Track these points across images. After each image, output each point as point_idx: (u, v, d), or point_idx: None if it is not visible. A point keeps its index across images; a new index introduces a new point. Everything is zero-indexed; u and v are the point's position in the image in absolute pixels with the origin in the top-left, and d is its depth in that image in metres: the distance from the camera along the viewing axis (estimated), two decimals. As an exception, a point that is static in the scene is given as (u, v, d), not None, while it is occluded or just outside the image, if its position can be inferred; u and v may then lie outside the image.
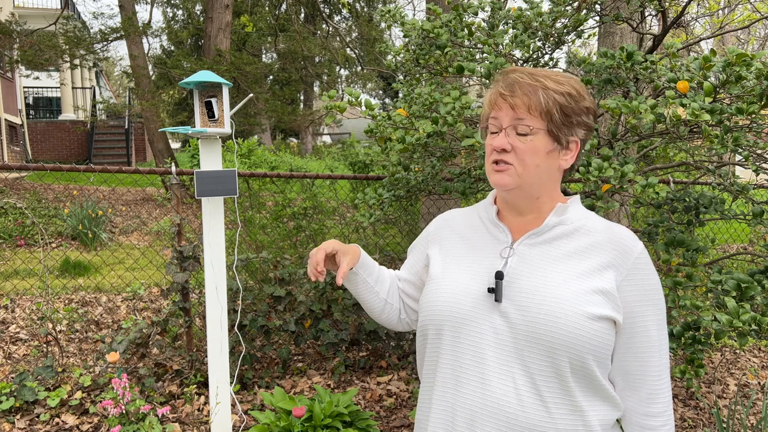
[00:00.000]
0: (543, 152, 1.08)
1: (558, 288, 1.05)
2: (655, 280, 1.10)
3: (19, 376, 3.04)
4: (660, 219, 2.42)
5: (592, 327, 1.02)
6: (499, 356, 1.06)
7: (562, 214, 1.12)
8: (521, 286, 1.07)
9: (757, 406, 3.46)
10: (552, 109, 1.07)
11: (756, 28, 13.80)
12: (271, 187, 5.55)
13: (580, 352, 1.02)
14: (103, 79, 25.06)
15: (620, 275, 1.07)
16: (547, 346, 1.02)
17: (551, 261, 1.09)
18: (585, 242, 1.10)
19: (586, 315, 1.02)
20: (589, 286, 1.05)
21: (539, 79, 1.08)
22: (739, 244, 7.53)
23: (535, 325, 1.03)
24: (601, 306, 1.04)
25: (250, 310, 3.48)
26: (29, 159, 16.70)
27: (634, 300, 1.07)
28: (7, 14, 14.40)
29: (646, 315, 1.08)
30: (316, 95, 23.47)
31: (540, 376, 1.03)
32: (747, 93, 1.84)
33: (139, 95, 11.16)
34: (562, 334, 1.01)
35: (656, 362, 1.09)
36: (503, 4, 2.81)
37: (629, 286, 1.07)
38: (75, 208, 7.76)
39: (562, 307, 1.03)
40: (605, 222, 1.14)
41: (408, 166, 2.82)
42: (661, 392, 1.10)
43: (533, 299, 1.05)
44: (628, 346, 1.08)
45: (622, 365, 1.10)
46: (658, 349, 1.09)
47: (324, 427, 2.53)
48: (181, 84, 2.37)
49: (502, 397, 1.04)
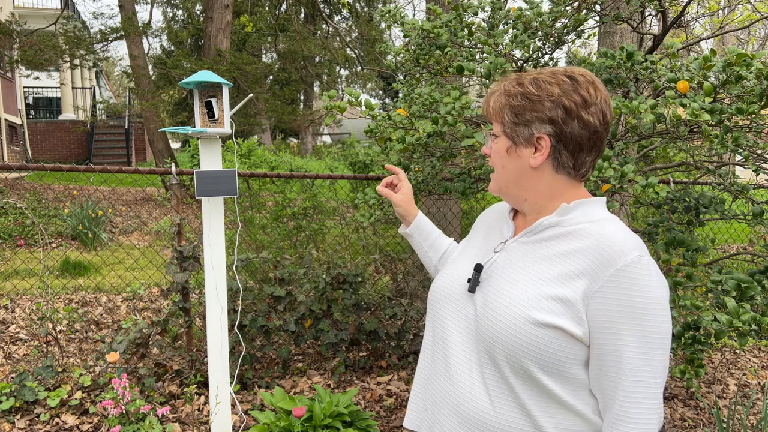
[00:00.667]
0: (503, 152, 1.13)
1: (515, 288, 1.06)
2: (645, 297, 0.97)
3: (19, 376, 3.04)
4: (660, 219, 2.42)
5: (534, 333, 1.00)
6: (463, 344, 1.12)
7: (564, 215, 1.09)
8: (493, 282, 1.11)
9: (757, 406, 3.46)
10: (502, 111, 1.12)
11: (756, 28, 13.80)
12: (271, 187, 5.55)
13: (515, 354, 1.01)
14: (103, 79, 25.06)
15: (594, 285, 0.99)
16: (487, 342, 1.06)
17: (529, 261, 1.09)
18: (571, 247, 1.05)
19: (530, 320, 1.00)
20: (548, 291, 1.02)
21: (504, 84, 1.13)
22: (739, 244, 7.53)
23: (485, 320, 1.07)
24: (555, 314, 1.00)
25: (250, 310, 3.48)
26: (29, 159, 16.70)
27: (604, 314, 0.98)
28: (7, 14, 14.40)
29: (620, 333, 0.97)
30: (316, 95, 23.48)
31: (486, 369, 1.07)
32: (747, 93, 1.84)
33: (139, 95, 11.16)
34: (498, 333, 1.04)
35: (628, 386, 0.98)
36: (503, 4, 2.81)
37: (602, 299, 0.98)
38: (75, 208, 7.76)
39: (508, 308, 1.04)
40: (609, 228, 1.04)
41: (408, 166, 2.82)
42: (629, 420, 0.98)
43: (494, 296, 1.09)
44: (599, 362, 1.01)
45: (596, 381, 1.03)
46: (634, 373, 0.97)
47: (324, 427, 2.53)
48: (181, 84, 2.37)
49: (458, 383, 1.10)
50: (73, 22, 13.95)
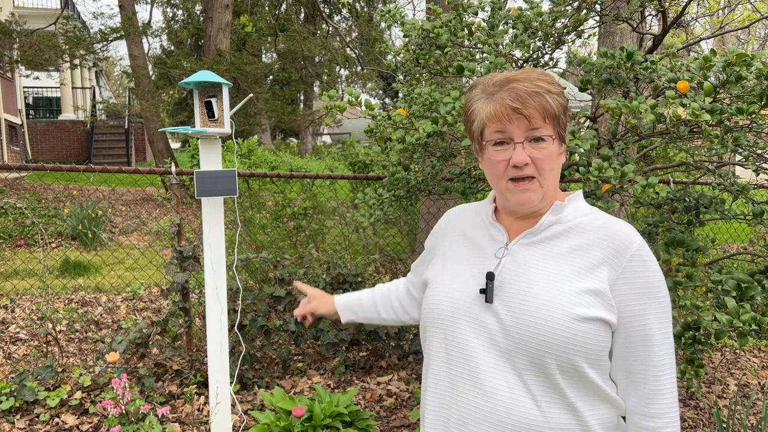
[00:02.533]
0: (555, 156, 1.09)
1: (547, 290, 1.04)
2: (656, 277, 1.06)
3: (19, 376, 3.04)
4: (660, 219, 2.41)
5: (581, 329, 1.01)
6: (491, 356, 1.06)
7: (559, 212, 1.11)
8: (512, 287, 1.07)
9: (757, 406, 3.46)
10: (559, 113, 1.08)
11: (756, 28, 13.80)
12: (271, 187, 5.55)
13: (567, 354, 1.01)
14: (103, 79, 25.06)
15: (614, 273, 1.05)
16: (532, 348, 1.02)
17: (544, 261, 1.08)
18: (579, 241, 1.08)
19: (574, 317, 1.01)
20: (580, 286, 1.04)
21: (538, 83, 1.07)
22: (739, 244, 7.53)
23: (522, 326, 1.03)
24: (592, 307, 1.03)
25: (250, 310, 3.48)
26: (29, 159, 16.70)
27: (630, 298, 1.05)
28: (7, 14, 14.40)
29: (645, 313, 1.05)
30: (316, 95, 23.47)
31: (529, 375, 1.04)
32: (747, 93, 1.84)
33: (139, 95, 11.16)
34: (547, 336, 1.01)
35: (657, 361, 1.06)
36: (503, 4, 2.81)
37: (624, 284, 1.05)
38: (75, 208, 7.76)
39: (549, 310, 1.02)
40: (605, 218, 1.11)
41: (408, 166, 2.82)
42: (663, 392, 1.06)
43: (522, 301, 1.05)
44: (627, 344, 1.06)
45: (622, 364, 1.08)
46: (660, 348, 1.06)
47: (324, 427, 2.53)
48: (181, 84, 2.37)
49: (495, 396, 1.05)
50: (73, 22, 13.95)
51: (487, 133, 1.09)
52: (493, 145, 1.09)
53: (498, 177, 1.10)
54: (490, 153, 1.10)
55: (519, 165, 1.05)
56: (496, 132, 1.08)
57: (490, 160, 1.10)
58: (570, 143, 1.92)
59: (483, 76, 1.21)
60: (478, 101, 1.11)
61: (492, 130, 1.08)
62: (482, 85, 1.12)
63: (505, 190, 1.10)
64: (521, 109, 1.04)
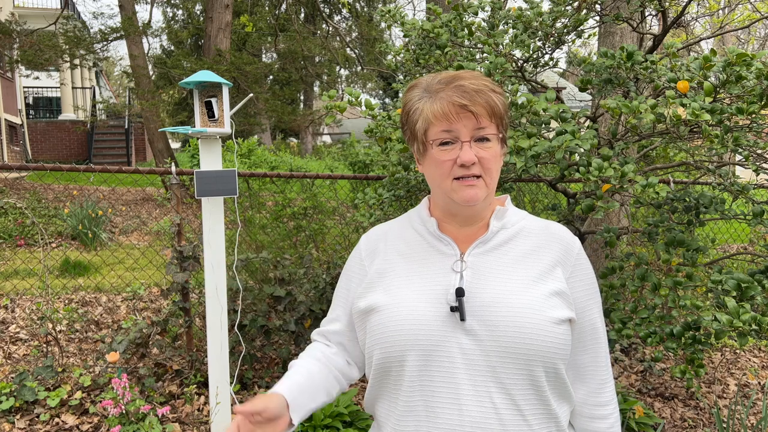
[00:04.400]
0: (499, 157, 1.07)
1: (518, 296, 1.02)
2: (593, 272, 1.13)
3: (19, 376, 3.04)
4: (660, 219, 2.41)
5: (558, 331, 1.01)
6: (472, 377, 1.00)
7: (503, 217, 1.11)
8: (481, 299, 1.02)
9: (757, 406, 3.46)
10: (503, 112, 1.06)
11: (756, 28, 13.80)
12: (271, 187, 5.56)
13: (553, 358, 1.00)
14: (103, 79, 25.06)
15: (567, 272, 1.08)
16: (521, 359, 0.99)
17: (504, 268, 1.06)
18: (529, 244, 1.09)
19: (551, 320, 1.01)
20: (545, 289, 1.04)
21: (483, 82, 1.05)
22: (739, 244, 7.53)
23: (505, 339, 0.99)
24: (561, 308, 1.04)
25: (250, 310, 3.48)
26: (29, 159, 16.70)
27: (581, 295, 1.09)
28: (7, 14, 14.40)
29: (592, 308, 1.10)
30: (316, 95, 23.47)
31: (516, 389, 0.99)
32: (747, 93, 1.84)
33: (139, 95, 11.16)
34: (533, 343, 0.98)
35: (604, 353, 1.12)
36: (503, 4, 2.81)
37: (575, 282, 1.09)
38: (75, 208, 7.76)
39: (528, 316, 1.00)
40: (541, 221, 1.15)
41: (408, 166, 2.82)
42: (608, 381, 1.13)
43: (497, 312, 1.00)
44: (579, 340, 1.10)
45: (574, 360, 1.10)
46: (604, 340, 1.12)
47: (324, 427, 2.54)
48: (181, 84, 2.37)
49: (481, 418, 0.99)
50: (73, 22, 13.94)
51: (433, 132, 1.04)
52: (439, 145, 1.04)
53: (443, 177, 1.05)
54: (436, 153, 1.05)
55: (467, 164, 1.02)
56: (443, 131, 1.03)
57: (435, 160, 1.05)
58: (570, 143, 1.92)
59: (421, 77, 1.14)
60: (420, 101, 1.07)
61: (438, 130, 1.04)
62: (424, 84, 1.08)
63: (449, 189, 1.05)
64: (469, 106, 1.01)
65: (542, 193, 5.18)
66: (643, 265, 2.21)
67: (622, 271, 2.29)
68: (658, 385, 3.63)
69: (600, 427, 1.11)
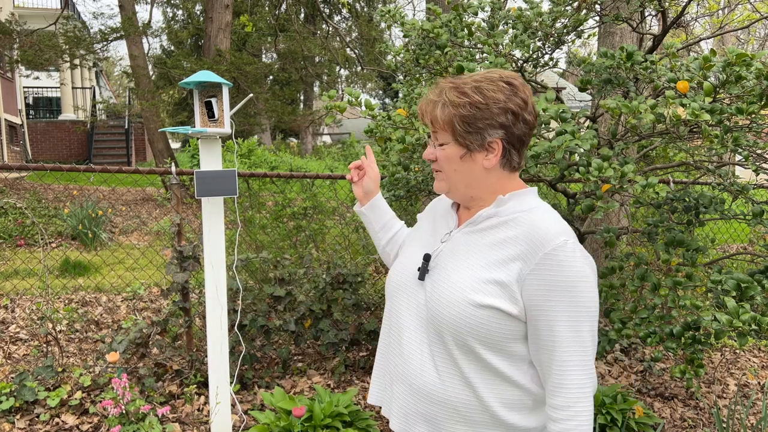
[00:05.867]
0: (456, 158, 1.19)
1: (457, 274, 1.17)
2: (572, 276, 1.09)
3: (19, 376, 3.05)
4: (660, 219, 2.42)
5: (473, 313, 1.12)
6: (414, 326, 1.23)
7: (500, 205, 1.19)
8: (441, 270, 1.21)
9: (757, 406, 3.46)
10: (453, 121, 1.16)
11: (756, 28, 13.81)
12: (271, 187, 5.56)
13: (461, 334, 1.13)
14: (103, 79, 25.06)
15: (526, 268, 1.11)
16: (436, 324, 1.17)
17: (471, 250, 1.20)
18: (507, 234, 1.16)
19: (469, 301, 1.12)
20: (488, 275, 1.14)
21: (445, 93, 1.17)
22: (739, 244, 7.53)
23: (432, 304, 1.18)
24: (492, 296, 1.12)
25: (250, 310, 3.48)
26: (29, 159, 16.70)
27: (537, 294, 1.10)
28: (7, 14, 14.40)
29: (552, 309, 1.09)
30: (316, 95, 23.47)
31: (435, 347, 1.18)
32: (747, 93, 1.84)
33: (139, 95, 11.16)
34: (445, 315, 1.15)
35: (562, 357, 1.10)
36: (503, 4, 2.81)
37: (533, 280, 1.10)
38: (75, 208, 7.76)
39: (451, 292, 1.15)
40: (539, 216, 1.15)
41: (408, 166, 2.82)
42: (567, 386, 1.10)
43: (440, 282, 1.19)
44: (535, 337, 1.14)
45: (534, 355, 1.16)
46: (566, 345, 1.09)
47: (324, 427, 2.54)
48: (181, 84, 2.37)
49: (410, 360, 1.22)
50: (73, 22, 13.94)
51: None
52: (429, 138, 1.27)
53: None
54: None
55: (426, 159, 1.24)
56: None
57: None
58: (570, 143, 1.92)
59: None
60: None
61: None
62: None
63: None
64: (423, 117, 1.22)
65: (542, 193, 5.18)
66: (642, 265, 2.21)
67: (621, 271, 2.29)
68: (657, 385, 3.63)
69: (552, 429, 1.13)
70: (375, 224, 1.54)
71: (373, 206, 1.54)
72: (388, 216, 1.56)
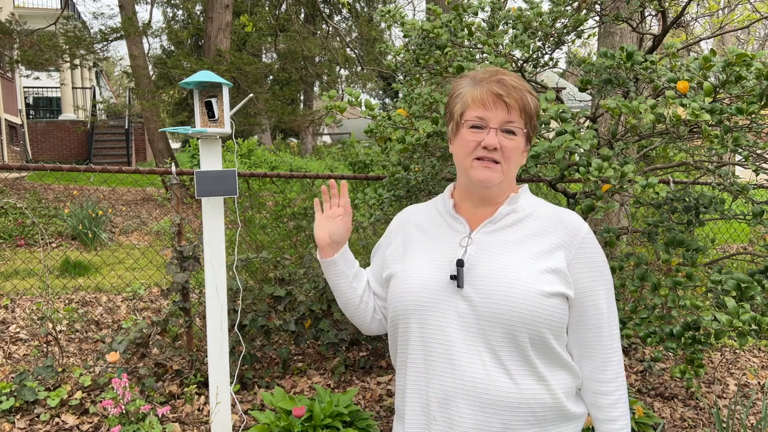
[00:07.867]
0: (521, 151, 1.20)
1: (513, 270, 1.15)
2: (602, 257, 1.21)
3: (19, 376, 3.05)
4: (660, 219, 2.42)
5: (546, 303, 1.12)
6: (464, 337, 1.15)
7: (515, 203, 1.23)
8: (480, 271, 1.16)
9: (757, 406, 3.46)
10: (533, 113, 1.19)
11: (756, 28, 13.81)
12: (271, 187, 5.56)
13: (537, 326, 1.12)
14: (103, 79, 25.06)
15: (569, 254, 1.18)
16: (507, 324, 1.12)
17: (506, 246, 1.19)
18: (536, 227, 1.20)
19: (540, 293, 1.12)
20: (542, 266, 1.15)
21: (522, 83, 1.19)
22: (739, 244, 7.53)
23: (495, 306, 1.13)
24: (554, 284, 1.14)
25: (250, 310, 3.48)
26: (29, 159, 16.70)
27: (583, 276, 1.18)
28: (7, 14, 14.40)
29: (596, 289, 1.19)
30: (316, 95, 23.46)
31: (503, 351, 1.13)
32: (747, 93, 1.84)
33: (139, 95, 11.15)
34: (519, 311, 1.11)
35: (607, 332, 1.20)
36: (503, 4, 2.81)
37: (578, 264, 1.18)
38: (75, 208, 7.76)
39: (518, 287, 1.12)
40: (553, 207, 1.24)
41: (408, 166, 2.82)
42: (613, 360, 1.20)
43: (491, 282, 1.14)
44: (581, 318, 1.19)
45: (577, 336, 1.21)
46: (608, 321, 1.20)
47: (324, 427, 2.54)
48: (181, 84, 2.37)
49: (471, 374, 1.13)
50: (73, 22, 13.94)
51: (468, 115, 1.18)
52: (470, 128, 1.17)
53: (466, 155, 1.18)
54: (465, 133, 1.18)
55: (489, 147, 1.15)
56: (476, 117, 1.16)
57: (463, 139, 1.19)
58: (570, 143, 1.92)
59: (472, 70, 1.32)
60: (466, 86, 1.22)
61: (472, 114, 1.17)
62: (472, 74, 1.22)
63: (469, 167, 1.18)
64: (504, 96, 1.14)
65: (542, 193, 5.18)
66: (642, 265, 2.21)
67: (621, 271, 2.29)
68: (657, 385, 3.63)
69: (603, 403, 1.21)
70: (348, 273, 1.34)
71: (345, 253, 1.34)
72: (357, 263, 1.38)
